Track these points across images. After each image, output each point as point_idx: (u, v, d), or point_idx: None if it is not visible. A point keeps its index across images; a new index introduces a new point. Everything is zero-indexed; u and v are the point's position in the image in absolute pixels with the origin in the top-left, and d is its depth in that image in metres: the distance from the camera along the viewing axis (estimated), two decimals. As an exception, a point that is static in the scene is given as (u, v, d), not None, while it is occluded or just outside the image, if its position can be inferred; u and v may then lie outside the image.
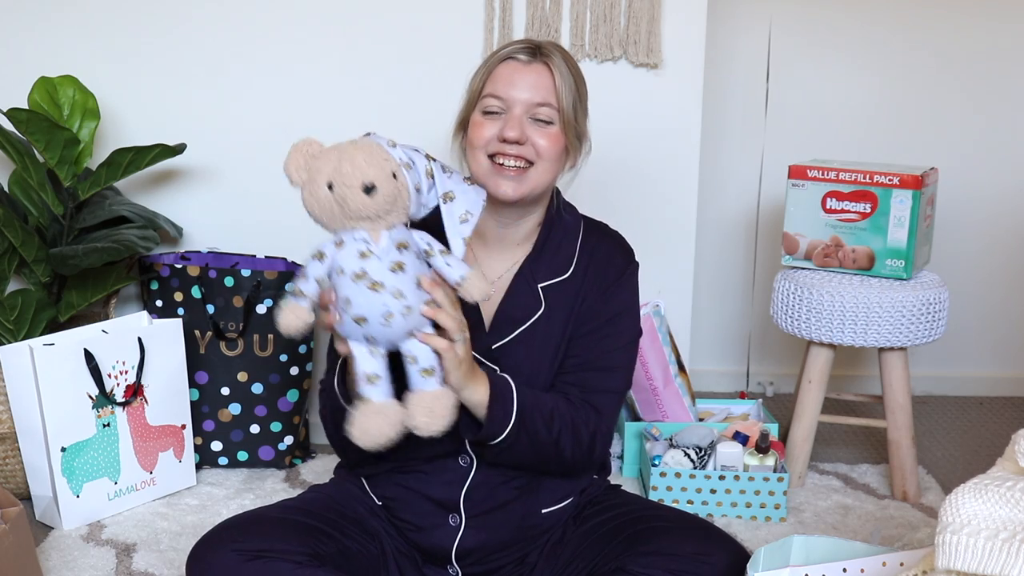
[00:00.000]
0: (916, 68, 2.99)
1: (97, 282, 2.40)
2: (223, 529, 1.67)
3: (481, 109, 1.69)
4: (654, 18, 2.49)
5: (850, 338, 2.30)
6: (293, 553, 1.60)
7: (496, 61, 1.70)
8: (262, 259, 2.52)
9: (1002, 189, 3.06)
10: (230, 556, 1.60)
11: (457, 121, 1.76)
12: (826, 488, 2.43)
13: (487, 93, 1.69)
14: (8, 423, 2.24)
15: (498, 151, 1.67)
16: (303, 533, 1.65)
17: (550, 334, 1.72)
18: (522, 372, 1.69)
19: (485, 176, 1.68)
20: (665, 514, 1.73)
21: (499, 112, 1.68)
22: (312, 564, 1.60)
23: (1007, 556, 1.12)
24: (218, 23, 2.50)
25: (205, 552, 1.64)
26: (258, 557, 1.59)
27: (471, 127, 1.71)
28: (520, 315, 1.72)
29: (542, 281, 1.73)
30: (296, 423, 2.52)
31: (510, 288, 1.73)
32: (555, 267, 1.74)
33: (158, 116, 2.52)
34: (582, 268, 1.75)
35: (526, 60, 1.69)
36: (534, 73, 1.69)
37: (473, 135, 1.69)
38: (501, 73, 1.69)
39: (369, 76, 2.54)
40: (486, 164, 1.68)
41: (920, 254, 2.36)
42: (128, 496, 2.30)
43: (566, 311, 1.73)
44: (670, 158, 2.58)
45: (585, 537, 1.72)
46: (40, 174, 2.33)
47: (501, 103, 1.68)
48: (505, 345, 1.71)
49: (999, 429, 2.86)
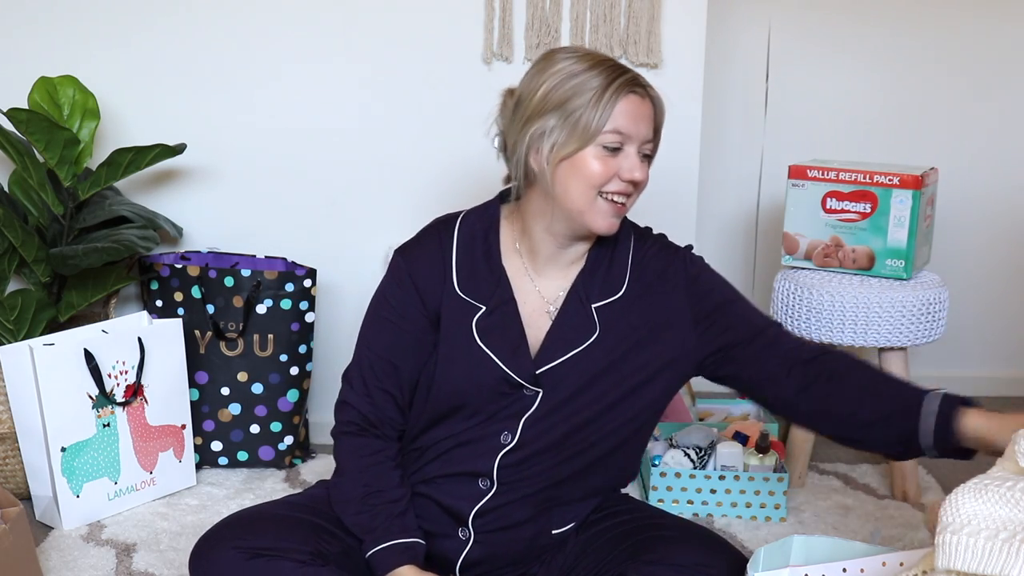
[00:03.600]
0: (916, 68, 2.99)
1: (97, 282, 2.40)
2: (225, 526, 1.67)
3: (602, 144, 1.58)
4: (654, 18, 2.49)
5: (850, 338, 2.30)
6: (296, 551, 1.60)
7: (616, 92, 1.57)
8: (262, 259, 2.52)
9: (1002, 189, 3.06)
10: (232, 554, 1.60)
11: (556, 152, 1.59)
12: (826, 488, 2.44)
13: (611, 129, 1.57)
14: (8, 423, 2.24)
15: (618, 190, 1.60)
16: (307, 531, 1.65)
17: (599, 357, 1.64)
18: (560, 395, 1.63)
19: (587, 209, 1.60)
20: (669, 523, 1.72)
21: (616, 148, 1.59)
22: (315, 563, 1.60)
23: (1007, 556, 1.12)
24: (218, 23, 2.50)
25: (207, 549, 1.64)
26: (260, 555, 1.59)
27: (585, 162, 1.58)
28: (573, 337, 1.65)
29: (596, 301, 1.67)
30: (296, 423, 2.52)
31: (562, 309, 1.66)
32: (609, 285, 1.68)
33: (158, 116, 2.52)
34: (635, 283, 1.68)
35: (643, 94, 1.61)
36: (647, 108, 1.62)
37: (592, 172, 1.58)
38: (625, 108, 1.58)
39: (369, 76, 2.54)
40: (593, 198, 1.59)
41: (920, 254, 2.36)
42: (128, 496, 2.30)
43: (618, 331, 1.66)
44: (670, 158, 2.58)
45: (589, 543, 1.71)
46: (40, 174, 2.33)
47: (621, 139, 1.59)
48: (552, 368, 1.64)
49: (999, 429, 2.86)
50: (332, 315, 2.64)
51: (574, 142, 1.57)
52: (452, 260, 1.67)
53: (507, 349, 1.63)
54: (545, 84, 1.59)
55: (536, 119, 1.59)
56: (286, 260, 2.51)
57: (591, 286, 1.67)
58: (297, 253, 2.57)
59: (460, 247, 1.68)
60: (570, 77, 1.58)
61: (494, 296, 1.65)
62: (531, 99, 1.60)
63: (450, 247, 1.68)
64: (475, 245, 1.68)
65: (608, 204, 1.61)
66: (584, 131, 1.57)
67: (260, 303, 2.44)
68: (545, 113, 1.58)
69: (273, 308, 2.44)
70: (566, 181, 1.59)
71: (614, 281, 1.68)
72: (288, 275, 2.44)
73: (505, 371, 1.62)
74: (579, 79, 1.57)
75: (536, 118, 1.59)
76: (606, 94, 1.56)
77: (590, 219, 1.60)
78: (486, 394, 1.63)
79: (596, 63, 1.59)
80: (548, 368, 1.64)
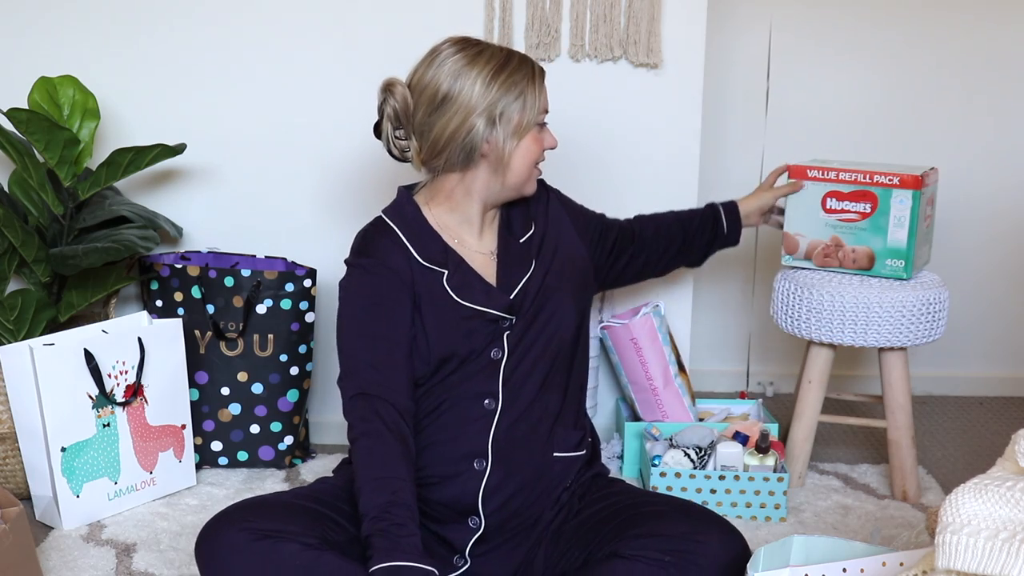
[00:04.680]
0: (916, 68, 2.99)
1: (97, 282, 2.40)
2: (233, 510, 1.71)
3: (538, 123, 1.86)
4: (654, 18, 2.49)
5: (850, 338, 2.30)
6: (302, 535, 1.63)
7: (539, 78, 1.85)
8: (262, 259, 2.52)
9: (1002, 189, 3.06)
10: (239, 535, 1.63)
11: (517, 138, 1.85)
12: (826, 488, 2.44)
13: (543, 109, 1.87)
14: (8, 423, 2.24)
15: (542, 159, 1.90)
16: (312, 518, 1.68)
17: (540, 276, 1.91)
18: (526, 311, 1.87)
19: (526, 180, 1.88)
20: (656, 499, 1.81)
21: (544, 123, 1.89)
22: (319, 547, 1.62)
23: (1007, 556, 1.12)
24: (218, 23, 2.50)
25: (214, 531, 1.67)
26: (267, 537, 1.61)
27: (533, 142, 1.86)
28: (519, 267, 1.91)
29: (521, 237, 1.94)
30: (296, 423, 2.52)
31: (501, 249, 1.92)
32: (523, 223, 1.95)
33: (158, 116, 2.52)
34: (540, 217, 1.98)
35: (543, 73, 1.88)
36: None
37: (535, 150, 1.87)
38: (543, 90, 1.86)
39: (369, 76, 2.53)
40: (532, 172, 1.89)
41: (920, 254, 2.36)
42: (128, 496, 2.30)
43: (544, 255, 1.94)
44: (670, 158, 2.58)
45: (581, 526, 1.78)
46: (40, 174, 2.33)
47: (545, 115, 1.88)
48: (518, 294, 1.88)
49: (999, 429, 2.86)
50: (332, 315, 2.62)
51: (524, 127, 1.84)
52: (404, 241, 1.86)
53: (480, 296, 1.85)
54: (478, 80, 1.80)
55: (478, 112, 1.80)
56: (286, 260, 2.51)
57: (513, 228, 1.94)
58: (297, 253, 2.57)
59: (403, 231, 1.87)
60: (499, 71, 1.81)
61: (448, 261, 1.86)
62: (465, 95, 1.80)
63: (396, 234, 1.87)
64: (411, 228, 1.88)
65: (537, 171, 1.91)
66: (530, 116, 1.84)
67: (260, 303, 2.44)
68: (487, 106, 1.80)
69: (273, 308, 2.44)
70: (518, 161, 1.85)
71: (525, 220, 1.96)
72: (288, 275, 2.44)
73: (485, 311, 1.84)
74: (507, 71, 1.82)
75: (478, 111, 1.80)
76: (535, 80, 1.84)
77: (528, 188, 1.90)
78: (474, 338, 1.82)
79: (508, 54, 1.85)
80: (515, 294, 1.87)
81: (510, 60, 1.83)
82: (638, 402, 2.51)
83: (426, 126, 1.84)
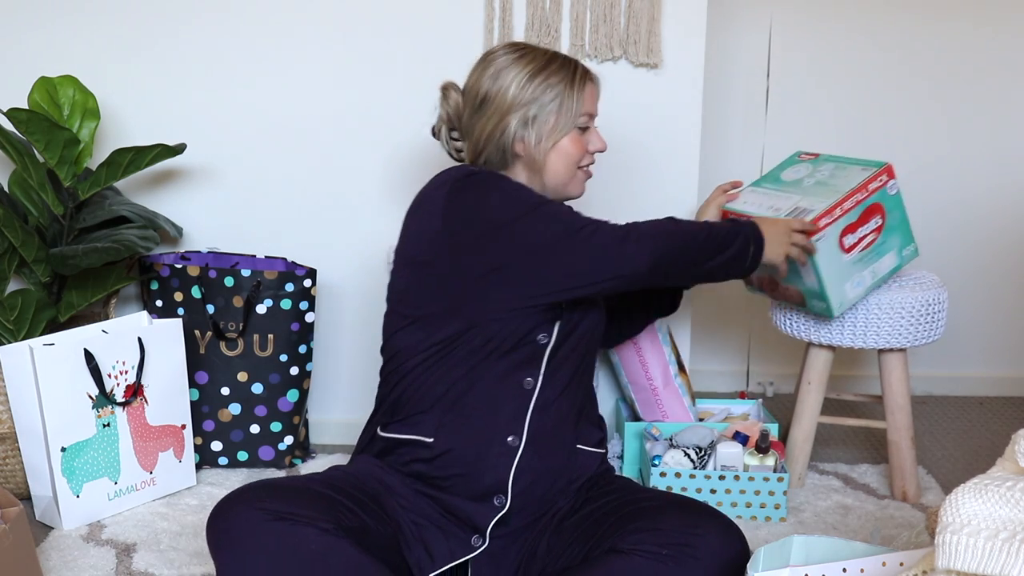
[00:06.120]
0: (916, 68, 2.99)
1: (97, 282, 2.40)
2: (247, 489, 1.69)
3: (579, 126, 1.88)
4: (654, 18, 2.49)
5: (849, 339, 2.30)
6: (319, 519, 1.62)
7: (580, 82, 1.88)
8: (262, 259, 2.52)
9: (1002, 188, 3.06)
10: (255, 514, 1.61)
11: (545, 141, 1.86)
12: (826, 488, 2.44)
13: (585, 112, 1.88)
14: (8, 423, 2.24)
15: (590, 162, 1.93)
16: (326, 504, 1.67)
17: None
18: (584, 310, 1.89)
19: (570, 181, 1.90)
20: (656, 495, 1.81)
21: (586, 128, 1.91)
22: (337, 533, 1.61)
23: (1007, 556, 1.12)
24: (218, 23, 2.50)
25: (228, 508, 1.65)
26: (283, 519, 1.61)
27: (568, 144, 1.87)
28: None
29: None
30: (296, 423, 2.52)
31: None
32: None
33: (158, 116, 2.53)
34: None
35: (593, 78, 1.92)
36: (598, 88, 1.95)
37: (574, 153, 1.88)
38: (589, 93, 1.90)
39: (369, 76, 2.54)
40: (575, 172, 1.90)
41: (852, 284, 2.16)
42: (128, 496, 2.30)
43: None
44: (670, 158, 2.58)
45: (583, 521, 1.79)
46: (40, 174, 2.33)
47: (589, 119, 1.91)
48: None
49: (999, 429, 2.86)
50: (332, 315, 2.64)
51: (560, 129, 1.86)
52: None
53: None
54: (514, 82, 1.85)
55: (513, 113, 1.85)
56: (286, 260, 2.51)
57: None
58: (297, 253, 2.57)
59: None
60: (537, 73, 1.85)
61: None
62: (502, 96, 1.86)
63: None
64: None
65: (583, 173, 1.93)
66: (567, 119, 1.86)
67: (260, 303, 2.44)
68: (520, 107, 1.85)
69: (273, 308, 2.44)
70: (555, 163, 1.88)
71: None
72: (288, 275, 2.44)
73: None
74: (545, 73, 1.86)
75: (513, 112, 1.85)
76: (575, 84, 1.86)
77: (572, 189, 1.92)
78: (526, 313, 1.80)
79: (550, 57, 1.88)
80: None
81: (551, 62, 1.87)
82: (638, 402, 2.51)
83: (470, 127, 1.90)
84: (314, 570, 1.58)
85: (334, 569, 1.59)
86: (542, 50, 1.90)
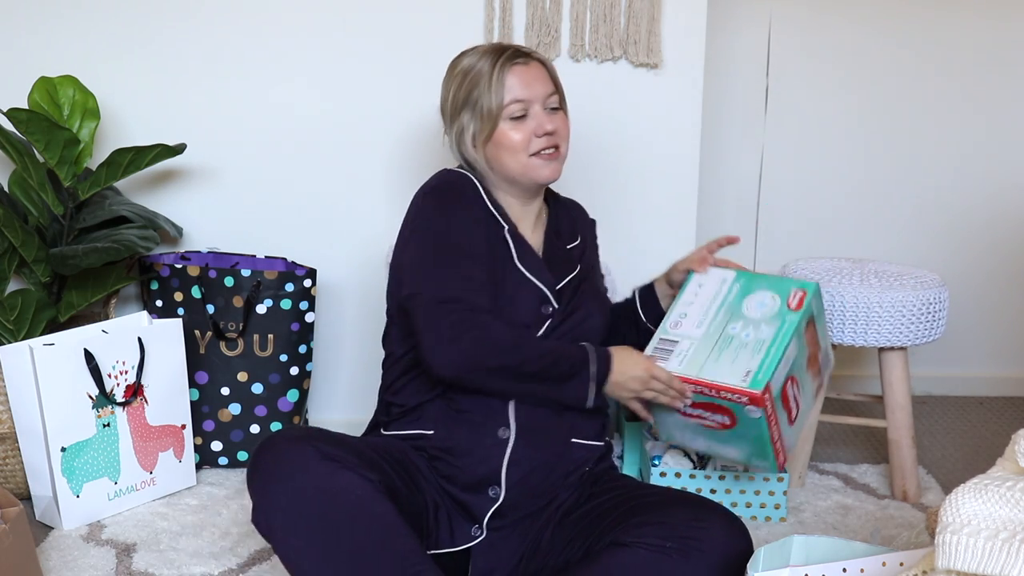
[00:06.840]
0: (916, 68, 2.99)
1: (97, 282, 2.40)
2: (298, 428, 1.75)
3: (508, 117, 1.85)
4: (654, 18, 2.49)
5: (850, 338, 2.30)
6: (364, 470, 1.63)
7: (500, 71, 1.85)
8: (262, 259, 2.52)
9: (1002, 189, 3.06)
10: (309, 450, 1.61)
11: (477, 140, 1.88)
12: (826, 488, 2.44)
13: (509, 101, 1.85)
14: (8, 423, 2.24)
15: (542, 146, 1.87)
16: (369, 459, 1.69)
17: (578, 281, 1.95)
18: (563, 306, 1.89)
19: (525, 170, 1.87)
20: (659, 491, 1.82)
21: (523, 115, 1.86)
22: (378, 487, 1.62)
23: (1007, 556, 1.12)
24: (218, 23, 2.50)
25: (280, 442, 1.65)
26: (335, 459, 1.61)
27: (502, 136, 1.86)
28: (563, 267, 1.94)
29: (567, 244, 1.99)
30: (296, 423, 2.52)
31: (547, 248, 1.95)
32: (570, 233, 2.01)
33: (158, 116, 2.53)
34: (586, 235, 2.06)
35: (524, 61, 1.87)
36: (534, 69, 1.88)
37: (511, 142, 1.86)
38: (513, 80, 1.85)
39: (369, 77, 2.54)
40: (526, 161, 1.87)
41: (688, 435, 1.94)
42: (128, 496, 2.30)
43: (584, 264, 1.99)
44: (670, 158, 2.58)
45: (586, 515, 1.80)
46: (40, 174, 2.33)
47: (523, 105, 1.85)
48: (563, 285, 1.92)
49: (999, 429, 2.86)
50: (332, 315, 2.64)
51: (486, 126, 1.86)
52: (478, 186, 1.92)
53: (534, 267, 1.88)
54: (452, 86, 1.90)
55: (456, 118, 1.89)
56: (286, 260, 2.51)
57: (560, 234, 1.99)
58: (297, 253, 2.57)
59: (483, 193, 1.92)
60: (466, 73, 1.87)
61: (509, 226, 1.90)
62: (446, 103, 1.91)
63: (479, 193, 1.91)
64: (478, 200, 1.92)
65: (540, 159, 1.88)
66: (489, 113, 1.85)
67: (260, 303, 2.44)
68: (459, 112, 1.89)
69: (273, 308, 2.44)
70: (498, 157, 1.88)
71: (572, 231, 2.01)
72: (288, 275, 2.44)
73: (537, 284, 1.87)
74: (473, 72, 1.86)
75: (455, 117, 1.89)
76: (494, 74, 1.84)
77: (532, 175, 1.88)
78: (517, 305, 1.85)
79: (484, 52, 1.88)
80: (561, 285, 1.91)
81: (476, 60, 1.87)
82: (638, 402, 2.51)
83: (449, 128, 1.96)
84: (357, 516, 1.59)
85: (374, 520, 1.60)
86: (480, 47, 1.90)
